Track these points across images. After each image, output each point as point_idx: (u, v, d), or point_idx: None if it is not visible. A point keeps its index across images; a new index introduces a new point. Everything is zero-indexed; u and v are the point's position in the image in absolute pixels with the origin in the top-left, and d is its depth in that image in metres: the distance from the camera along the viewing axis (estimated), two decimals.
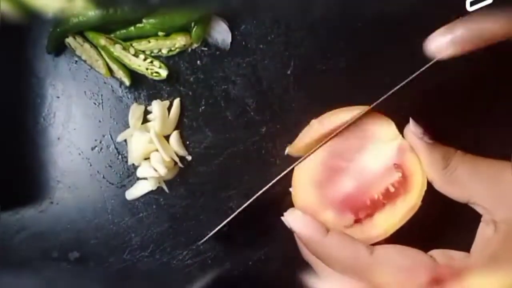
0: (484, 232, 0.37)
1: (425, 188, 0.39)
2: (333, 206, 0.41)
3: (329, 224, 0.39)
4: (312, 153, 0.42)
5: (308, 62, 0.47)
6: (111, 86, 0.48)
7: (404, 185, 0.40)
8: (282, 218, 0.38)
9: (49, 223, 0.47)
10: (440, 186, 0.39)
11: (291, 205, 0.41)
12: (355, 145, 0.42)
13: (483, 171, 0.38)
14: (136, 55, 0.47)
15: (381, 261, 0.35)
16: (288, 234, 0.39)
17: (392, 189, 0.40)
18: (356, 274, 0.36)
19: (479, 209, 0.38)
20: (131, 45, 0.47)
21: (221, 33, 0.47)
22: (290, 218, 0.38)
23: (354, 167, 0.41)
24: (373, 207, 0.40)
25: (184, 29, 0.46)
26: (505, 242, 0.36)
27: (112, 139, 0.48)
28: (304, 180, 0.42)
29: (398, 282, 0.35)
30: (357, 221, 0.40)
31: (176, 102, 0.47)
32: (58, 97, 0.48)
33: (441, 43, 0.36)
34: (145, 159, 0.47)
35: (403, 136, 0.41)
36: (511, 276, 0.35)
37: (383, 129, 0.42)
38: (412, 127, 0.39)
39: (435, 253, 0.37)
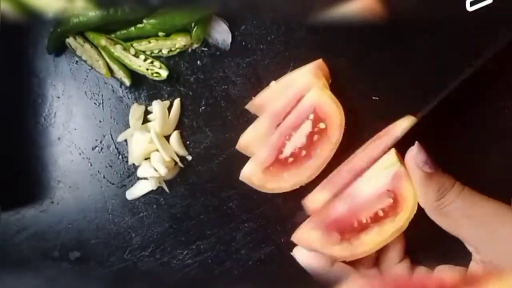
0: (474, 270, 0.37)
1: (415, 211, 0.40)
2: (320, 227, 0.42)
3: (316, 242, 0.41)
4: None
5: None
6: (112, 86, 0.48)
7: (394, 209, 0.40)
8: (292, 253, 0.42)
9: (49, 223, 0.47)
10: (431, 215, 0.39)
11: None
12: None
13: (477, 211, 0.37)
14: (136, 55, 0.47)
15: None
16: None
17: (381, 214, 0.41)
18: None
19: (468, 247, 0.38)
20: (132, 45, 0.47)
21: (221, 34, 0.47)
22: (299, 255, 0.42)
23: (347, 191, 0.42)
24: (360, 229, 0.41)
25: (184, 30, 0.46)
26: (493, 281, 0.36)
27: (113, 139, 0.48)
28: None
29: None
30: (344, 240, 0.41)
31: (176, 102, 0.47)
32: (58, 97, 0.48)
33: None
34: (146, 159, 0.47)
35: (401, 162, 0.41)
36: None
37: (384, 156, 0.42)
38: (415, 153, 0.39)
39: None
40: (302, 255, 0.42)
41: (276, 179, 0.43)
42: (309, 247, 0.42)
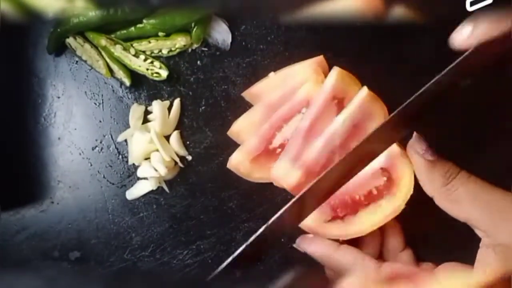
0: (484, 257, 0.37)
1: (411, 192, 0.40)
2: None
3: (308, 219, 0.40)
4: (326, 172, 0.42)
5: None
6: (112, 86, 0.48)
7: (389, 188, 0.40)
8: (294, 245, 0.42)
9: (49, 223, 0.47)
10: (439, 202, 0.39)
11: None
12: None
13: (485, 196, 0.37)
14: (136, 55, 0.47)
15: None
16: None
17: (375, 192, 0.41)
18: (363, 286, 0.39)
19: (478, 232, 0.38)
20: (132, 45, 0.47)
21: (221, 33, 0.47)
22: (303, 245, 0.42)
23: None
24: (354, 206, 0.41)
25: (184, 30, 0.46)
26: (505, 264, 0.36)
27: (113, 139, 0.48)
28: None
29: None
30: (337, 217, 0.41)
31: (176, 102, 0.47)
32: (58, 97, 0.48)
33: (463, 35, 0.37)
34: (146, 159, 0.47)
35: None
36: None
37: None
38: (414, 142, 0.39)
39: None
40: (305, 243, 0.42)
41: (263, 169, 0.44)
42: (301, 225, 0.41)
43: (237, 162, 0.44)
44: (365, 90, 0.41)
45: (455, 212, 0.38)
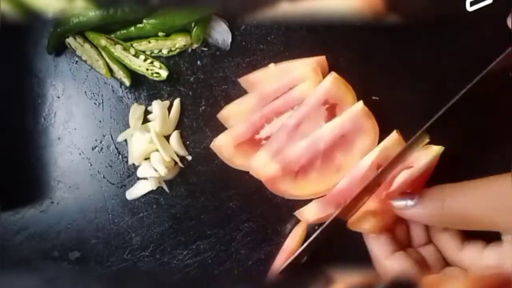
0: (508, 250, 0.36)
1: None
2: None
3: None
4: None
5: None
6: (112, 86, 0.48)
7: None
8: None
9: (49, 223, 0.47)
10: (453, 225, 0.38)
11: None
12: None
13: (475, 194, 0.35)
14: (136, 55, 0.47)
15: None
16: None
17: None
18: None
19: (497, 230, 0.36)
20: (132, 45, 0.47)
21: (221, 33, 0.47)
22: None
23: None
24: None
25: (184, 30, 0.46)
26: None
27: (113, 139, 0.48)
28: None
29: None
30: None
31: (176, 102, 0.47)
32: (58, 97, 0.48)
33: None
34: (146, 159, 0.47)
35: None
36: None
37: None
38: (396, 205, 0.38)
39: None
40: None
41: (245, 157, 0.44)
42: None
43: (222, 144, 0.44)
44: (360, 104, 0.42)
45: (465, 226, 0.36)
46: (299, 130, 0.43)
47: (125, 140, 0.47)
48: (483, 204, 0.34)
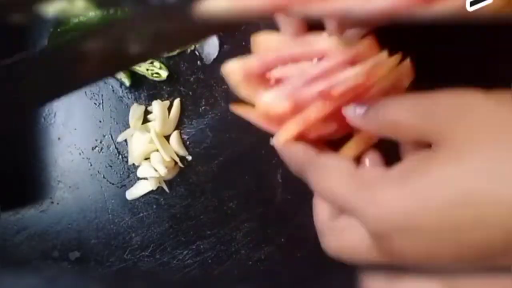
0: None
1: None
2: None
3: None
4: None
5: None
6: (112, 86, 0.48)
7: None
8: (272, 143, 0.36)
9: (49, 223, 0.47)
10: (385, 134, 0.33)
11: None
12: None
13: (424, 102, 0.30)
14: None
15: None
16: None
17: None
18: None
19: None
20: None
21: (209, 46, 0.47)
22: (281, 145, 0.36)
23: None
24: None
25: None
26: None
27: (113, 139, 0.48)
28: None
29: None
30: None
31: (176, 102, 0.47)
32: None
33: None
34: (146, 159, 0.47)
35: None
36: None
37: None
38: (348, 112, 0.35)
39: None
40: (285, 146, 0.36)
41: (250, 90, 0.41)
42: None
43: (232, 69, 0.41)
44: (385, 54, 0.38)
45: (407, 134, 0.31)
46: (317, 81, 0.40)
47: (125, 140, 0.47)
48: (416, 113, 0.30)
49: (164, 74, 0.46)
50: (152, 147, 0.46)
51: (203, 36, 0.42)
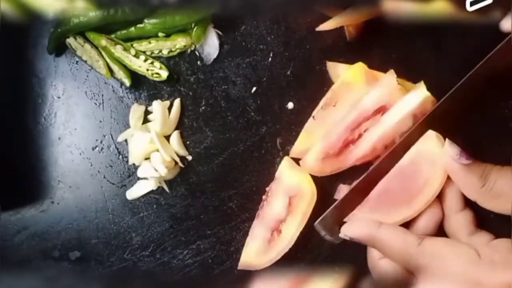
0: None
1: None
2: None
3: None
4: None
5: (308, 62, 0.47)
6: (112, 87, 0.48)
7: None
8: (340, 235, 0.41)
9: (50, 222, 0.47)
10: (483, 203, 0.38)
11: None
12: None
13: None
14: (136, 56, 0.47)
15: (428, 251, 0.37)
16: None
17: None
18: (406, 263, 0.38)
19: None
20: (132, 46, 0.47)
21: (210, 47, 0.47)
22: (347, 231, 0.41)
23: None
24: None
25: (185, 30, 0.47)
26: None
27: (113, 139, 0.48)
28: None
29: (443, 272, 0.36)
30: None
31: (177, 102, 0.47)
32: (59, 97, 0.48)
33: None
34: (146, 159, 0.47)
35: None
36: None
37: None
38: (448, 148, 0.39)
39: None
40: (349, 228, 0.41)
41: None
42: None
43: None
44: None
45: (501, 207, 0.37)
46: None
47: (126, 140, 0.47)
48: None
49: (164, 74, 0.46)
50: (153, 147, 0.46)
51: None
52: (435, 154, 0.40)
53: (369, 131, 0.43)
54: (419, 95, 0.42)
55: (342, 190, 0.45)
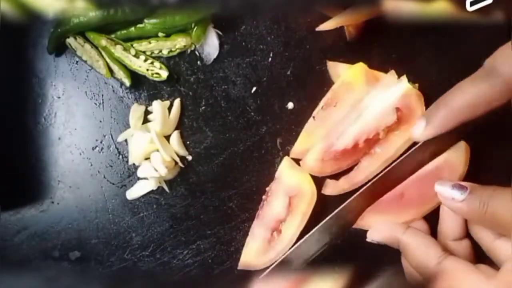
0: None
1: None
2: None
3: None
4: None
5: (308, 62, 0.47)
6: (112, 87, 0.48)
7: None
8: (367, 239, 0.42)
9: (50, 222, 0.47)
10: (488, 230, 0.39)
11: None
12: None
13: None
14: (136, 56, 0.47)
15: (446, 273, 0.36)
16: None
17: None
18: (422, 273, 0.38)
19: None
20: (132, 46, 0.47)
21: (210, 47, 0.47)
22: (373, 235, 0.42)
23: None
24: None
25: (185, 30, 0.47)
26: None
27: (113, 139, 0.48)
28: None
29: None
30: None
31: (177, 102, 0.47)
32: (59, 97, 0.48)
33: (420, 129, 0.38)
34: (146, 159, 0.47)
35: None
36: None
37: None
38: (440, 190, 0.38)
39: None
40: (375, 232, 0.42)
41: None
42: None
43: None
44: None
45: (507, 231, 0.36)
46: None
47: (126, 140, 0.47)
48: None
49: (164, 74, 0.46)
50: (152, 147, 0.46)
51: None
52: (460, 164, 0.41)
53: (351, 125, 0.43)
54: (401, 88, 0.42)
55: (329, 185, 0.45)
